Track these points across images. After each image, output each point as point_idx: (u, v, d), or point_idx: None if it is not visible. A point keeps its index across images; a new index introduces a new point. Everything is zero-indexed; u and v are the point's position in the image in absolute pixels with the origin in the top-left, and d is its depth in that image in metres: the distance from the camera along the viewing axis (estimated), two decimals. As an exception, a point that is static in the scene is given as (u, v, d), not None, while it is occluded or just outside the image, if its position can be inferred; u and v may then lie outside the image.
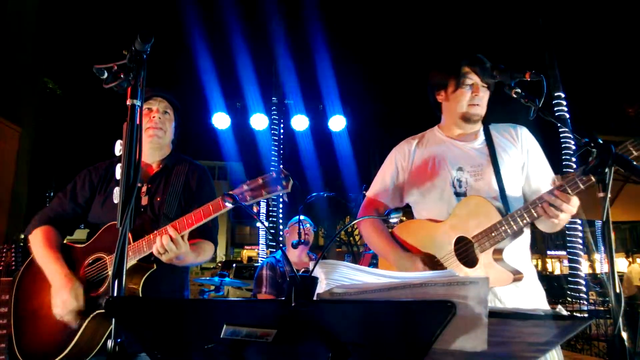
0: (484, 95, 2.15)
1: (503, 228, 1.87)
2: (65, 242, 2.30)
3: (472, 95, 2.12)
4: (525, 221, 1.85)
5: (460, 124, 2.21)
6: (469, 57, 2.14)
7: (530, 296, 2.00)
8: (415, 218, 2.31)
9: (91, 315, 1.98)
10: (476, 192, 2.08)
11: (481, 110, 2.16)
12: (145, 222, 2.17)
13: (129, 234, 1.94)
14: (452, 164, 2.17)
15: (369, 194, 2.40)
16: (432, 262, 2.05)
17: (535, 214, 1.84)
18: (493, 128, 2.23)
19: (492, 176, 2.09)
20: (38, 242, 2.21)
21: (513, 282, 1.87)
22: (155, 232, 2.01)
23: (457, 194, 2.12)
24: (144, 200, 2.23)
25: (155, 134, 2.29)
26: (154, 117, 2.28)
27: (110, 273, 2.03)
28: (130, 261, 1.96)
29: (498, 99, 2.25)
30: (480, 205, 1.96)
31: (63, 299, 2.00)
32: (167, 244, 1.93)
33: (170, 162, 2.38)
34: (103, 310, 1.96)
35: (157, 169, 2.35)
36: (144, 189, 2.26)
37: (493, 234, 1.89)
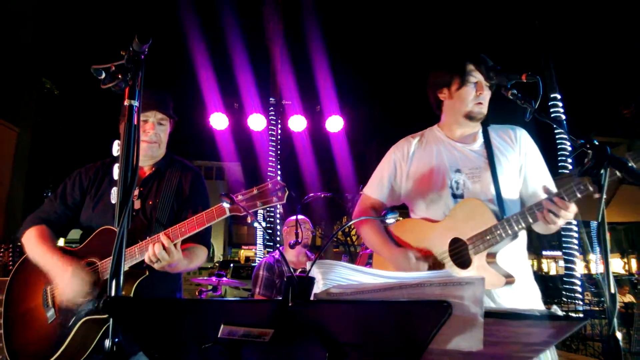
0: (487, 95, 2.13)
1: (498, 232, 1.87)
2: (58, 245, 2.27)
3: (476, 94, 2.11)
4: (520, 226, 1.85)
5: (463, 122, 2.19)
6: (473, 55, 2.13)
7: (525, 297, 2.00)
8: (411, 217, 2.31)
9: (82, 320, 1.95)
10: (473, 195, 2.08)
11: (484, 109, 2.14)
12: (138, 227, 2.15)
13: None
14: (451, 166, 2.17)
15: (366, 191, 2.40)
16: (425, 257, 2.05)
17: (530, 220, 1.84)
18: (492, 130, 2.22)
19: (489, 179, 2.09)
20: (32, 240, 2.18)
21: (505, 285, 1.87)
22: (148, 238, 1.99)
23: (455, 196, 2.12)
24: (137, 204, 2.21)
25: (150, 148, 2.26)
26: (149, 132, 2.25)
27: (103, 278, 2.01)
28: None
29: (495, 100, 2.26)
30: (477, 208, 1.96)
31: (70, 284, 1.97)
32: (160, 252, 1.91)
33: (163, 165, 2.35)
34: (94, 316, 1.95)
35: (150, 172, 2.33)
36: (136, 192, 2.23)
37: (488, 237, 1.90)
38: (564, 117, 9.88)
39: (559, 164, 9.68)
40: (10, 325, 2.13)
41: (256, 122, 8.92)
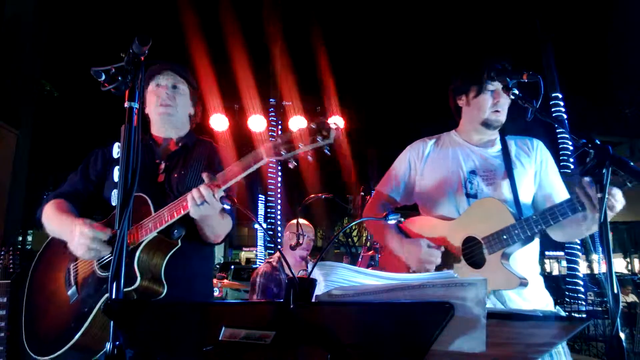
0: (505, 102, 2.14)
1: (516, 232, 1.86)
2: None
3: (493, 102, 2.12)
4: (539, 227, 1.84)
5: (480, 129, 2.21)
6: (489, 61, 2.13)
7: (537, 304, 1.98)
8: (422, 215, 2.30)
9: (105, 297, 1.80)
10: (487, 196, 2.08)
11: (502, 117, 2.15)
12: (163, 196, 2.03)
13: (150, 205, 1.87)
14: (466, 166, 2.18)
15: (379, 188, 2.41)
16: (438, 246, 2.05)
17: (551, 221, 1.82)
18: (510, 138, 2.24)
19: (505, 183, 2.09)
20: (50, 212, 2.07)
21: (519, 286, 1.85)
22: (180, 198, 1.82)
23: (468, 195, 2.12)
24: (161, 177, 2.11)
25: (165, 111, 2.16)
26: (161, 95, 2.16)
27: (129, 247, 1.83)
28: (151, 234, 1.82)
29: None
30: (495, 208, 1.96)
31: (79, 238, 1.81)
32: (207, 194, 1.72)
33: (191, 142, 2.26)
34: None
35: (177, 147, 2.22)
36: (162, 166, 2.14)
37: (504, 237, 1.88)
38: (565, 116, 9.87)
39: (561, 164, 9.66)
40: (31, 313, 2.03)
41: (256, 123, 8.92)
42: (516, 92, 1.88)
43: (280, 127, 10.09)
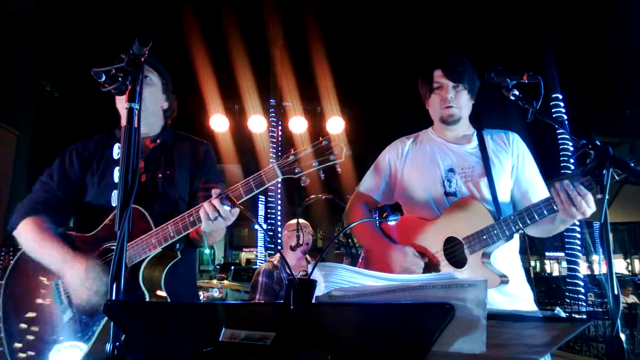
0: (457, 96, 2.16)
1: (495, 232, 1.88)
2: (68, 232, 2.01)
3: (441, 99, 2.16)
4: (517, 227, 1.86)
5: (443, 127, 2.25)
6: (437, 60, 2.19)
7: (518, 299, 2.01)
8: (405, 215, 2.32)
9: (106, 319, 1.74)
10: (465, 194, 2.10)
11: (456, 111, 2.17)
12: (146, 196, 1.98)
13: (148, 218, 1.84)
14: (444, 165, 2.20)
15: (360, 188, 2.42)
16: (422, 255, 2.05)
17: (528, 220, 1.84)
18: (486, 133, 2.26)
19: (483, 180, 2.11)
20: (29, 233, 1.94)
21: (500, 284, 1.88)
22: (184, 214, 1.81)
23: (447, 194, 2.14)
24: (142, 177, 2.01)
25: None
26: None
27: (129, 264, 1.81)
28: (155, 251, 1.79)
29: (495, 100, 2.27)
30: (474, 207, 1.98)
31: (85, 282, 1.76)
32: (224, 211, 1.73)
33: (170, 139, 2.17)
34: None
35: (154, 145, 2.12)
36: (141, 164, 2.02)
37: (484, 237, 1.90)
38: (565, 117, 9.88)
39: (561, 165, 9.68)
40: (14, 332, 1.90)
41: (257, 123, 8.92)
42: (516, 92, 1.87)
43: (280, 127, 10.09)
